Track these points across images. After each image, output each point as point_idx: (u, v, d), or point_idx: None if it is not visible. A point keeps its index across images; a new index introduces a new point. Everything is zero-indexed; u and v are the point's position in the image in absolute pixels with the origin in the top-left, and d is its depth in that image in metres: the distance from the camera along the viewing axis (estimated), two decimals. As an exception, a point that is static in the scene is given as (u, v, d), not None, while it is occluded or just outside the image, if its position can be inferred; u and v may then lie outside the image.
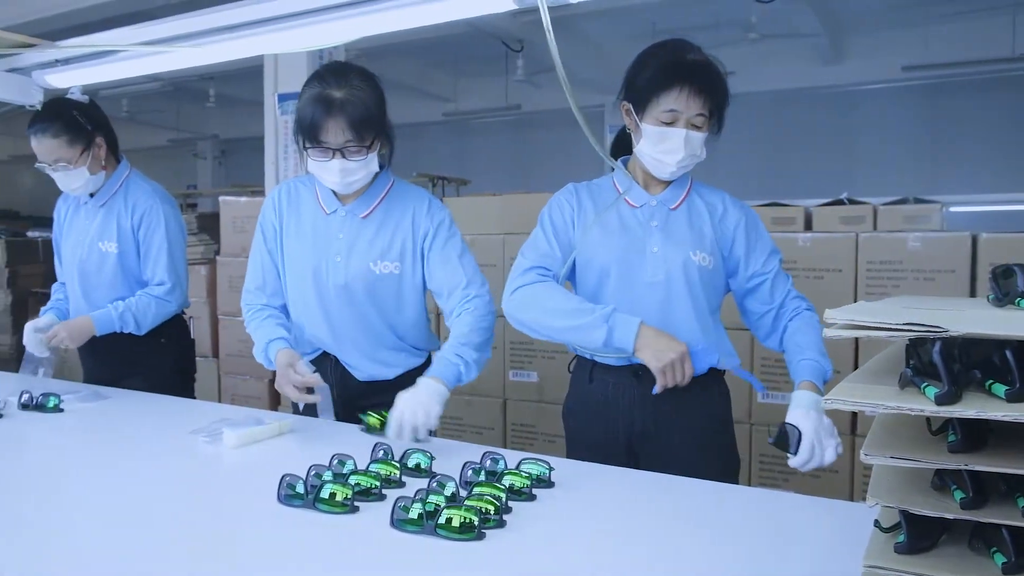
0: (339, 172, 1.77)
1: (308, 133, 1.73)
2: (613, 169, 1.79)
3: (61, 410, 1.95)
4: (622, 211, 1.75)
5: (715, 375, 1.75)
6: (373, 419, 1.70)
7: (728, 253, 1.75)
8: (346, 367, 1.96)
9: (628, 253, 1.71)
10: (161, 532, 1.19)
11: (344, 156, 1.75)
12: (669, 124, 1.62)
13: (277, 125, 4.19)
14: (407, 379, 1.92)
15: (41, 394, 1.97)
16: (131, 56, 1.84)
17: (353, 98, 1.72)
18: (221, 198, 4.15)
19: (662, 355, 1.59)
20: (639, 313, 1.64)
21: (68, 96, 2.36)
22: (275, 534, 1.18)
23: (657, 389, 1.61)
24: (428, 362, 2.03)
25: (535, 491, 1.33)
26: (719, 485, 1.44)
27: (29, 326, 2.36)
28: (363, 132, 1.74)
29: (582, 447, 1.79)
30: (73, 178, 2.30)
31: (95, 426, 1.88)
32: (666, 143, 1.63)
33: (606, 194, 1.79)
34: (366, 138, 1.75)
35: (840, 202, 3.21)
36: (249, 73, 5.42)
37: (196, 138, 13.05)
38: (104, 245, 2.38)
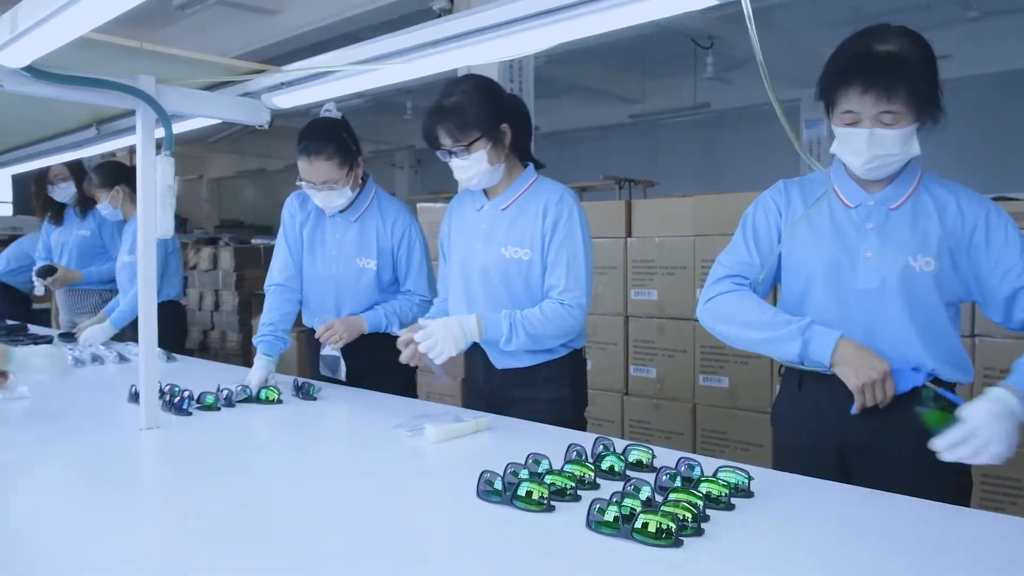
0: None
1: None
2: (820, 163, 1.69)
3: (281, 401, 2.15)
4: (836, 212, 1.63)
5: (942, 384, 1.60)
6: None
7: (965, 257, 1.55)
8: (488, 355, 2.07)
9: (838, 257, 1.59)
10: (364, 520, 1.27)
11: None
12: (852, 124, 1.50)
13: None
14: (543, 370, 2.01)
15: (264, 387, 2.17)
16: (344, 75, 1.98)
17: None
18: (418, 205, 4.36)
19: (862, 373, 1.49)
20: (848, 323, 1.54)
21: (324, 114, 2.39)
22: (474, 527, 1.23)
23: (855, 409, 1.52)
24: (571, 357, 2.06)
25: (733, 500, 1.29)
26: (938, 505, 1.31)
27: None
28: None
29: (790, 454, 1.72)
30: (337, 196, 2.36)
31: (310, 417, 2.04)
32: (850, 144, 1.52)
33: (819, 191, 1.66)
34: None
35: (1084, 194, 2.84)
36: (442, 85, 5.66)
37: (394, 149, 13.92)
38: (362, 261, 2.46)
